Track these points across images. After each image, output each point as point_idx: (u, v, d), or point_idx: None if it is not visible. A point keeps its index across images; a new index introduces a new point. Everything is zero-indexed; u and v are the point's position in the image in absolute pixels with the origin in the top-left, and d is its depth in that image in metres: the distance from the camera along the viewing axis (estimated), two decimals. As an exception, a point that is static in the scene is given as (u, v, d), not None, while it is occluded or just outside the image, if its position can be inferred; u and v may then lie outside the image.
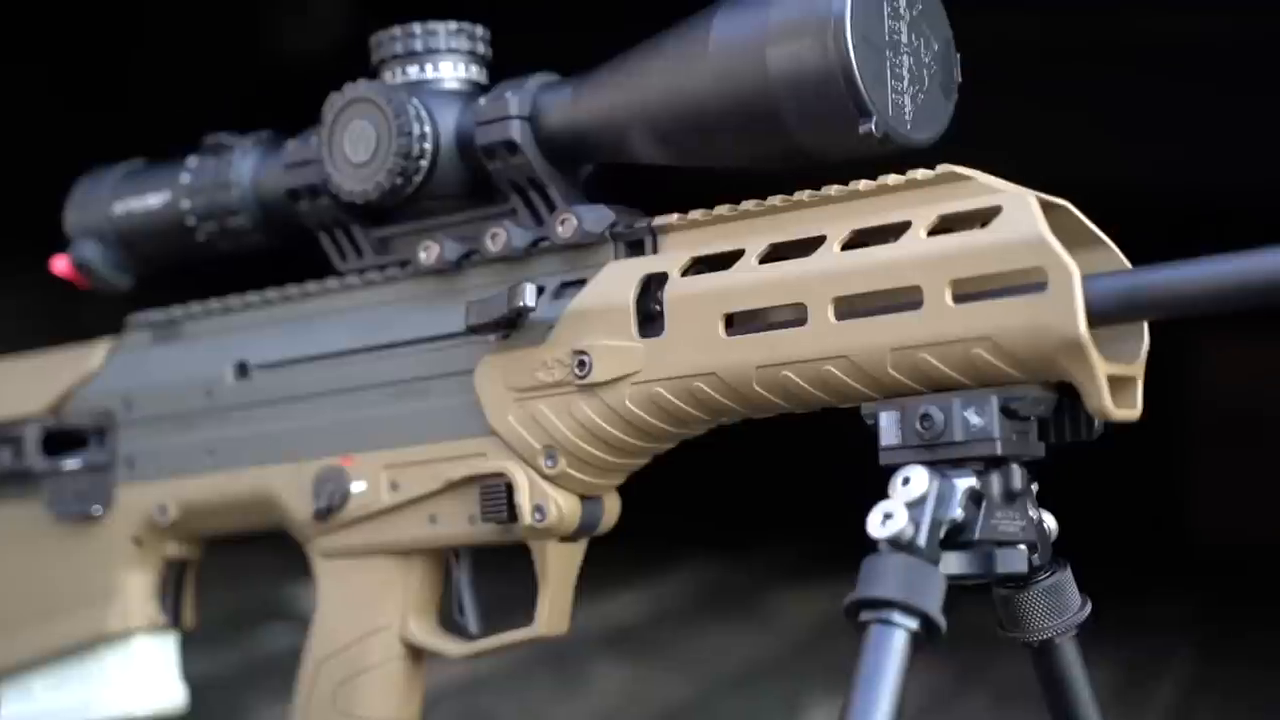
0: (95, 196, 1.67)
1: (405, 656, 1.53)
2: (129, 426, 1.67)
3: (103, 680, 1.68)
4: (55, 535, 1.71)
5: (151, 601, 1.68)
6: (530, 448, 1.42)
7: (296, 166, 1.55)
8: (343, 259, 1.58)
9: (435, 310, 1.50)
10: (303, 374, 1.57)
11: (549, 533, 1.43)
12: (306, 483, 1.55)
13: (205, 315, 1.65)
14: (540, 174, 1.44)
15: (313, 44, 4.29)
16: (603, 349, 1.38)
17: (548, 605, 1.46)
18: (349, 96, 1.48)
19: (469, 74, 1.51)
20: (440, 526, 1.49)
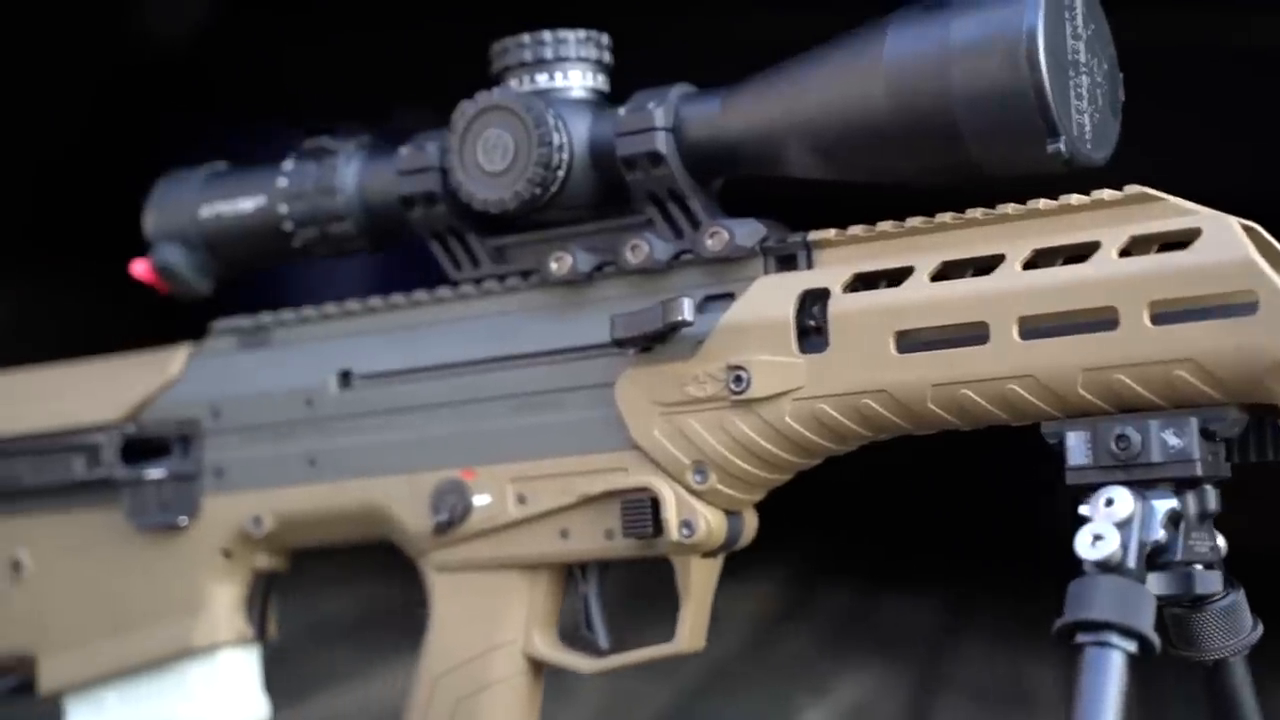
0: (179, 199, 1.63)
1: (527, 672, 1.51)
2: (217, 435, 1.63)
3: (185, 694, 1.65)
4: (135, 546, 1.66)
5: (239, 614, 1.64)
6: (678, 463, 1.41)
7: (411, 173, 1.52)
8: (457, 268, 1.55)
9: (564, 321, 1.48)
10: (415, 384, 1.54)
11: (695, 548, 1.42)
12: (422, 495, 1.52)
13: (299, 322, 1.62)
14: (682, 186, 1.43)
15: (174, 29, 4.22)
16: (761, 364, 1.37)
17: (689, 620, 1.45)
18: (482, 104, 1.46)
19: (595, 83, 1.49)
20: (573, 541, 1.47)
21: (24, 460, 1.70)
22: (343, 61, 4.19)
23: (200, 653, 1.63)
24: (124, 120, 4.14)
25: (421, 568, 1.55)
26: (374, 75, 4.20)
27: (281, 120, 4.28)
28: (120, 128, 4.13)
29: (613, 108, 1.48)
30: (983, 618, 3.53)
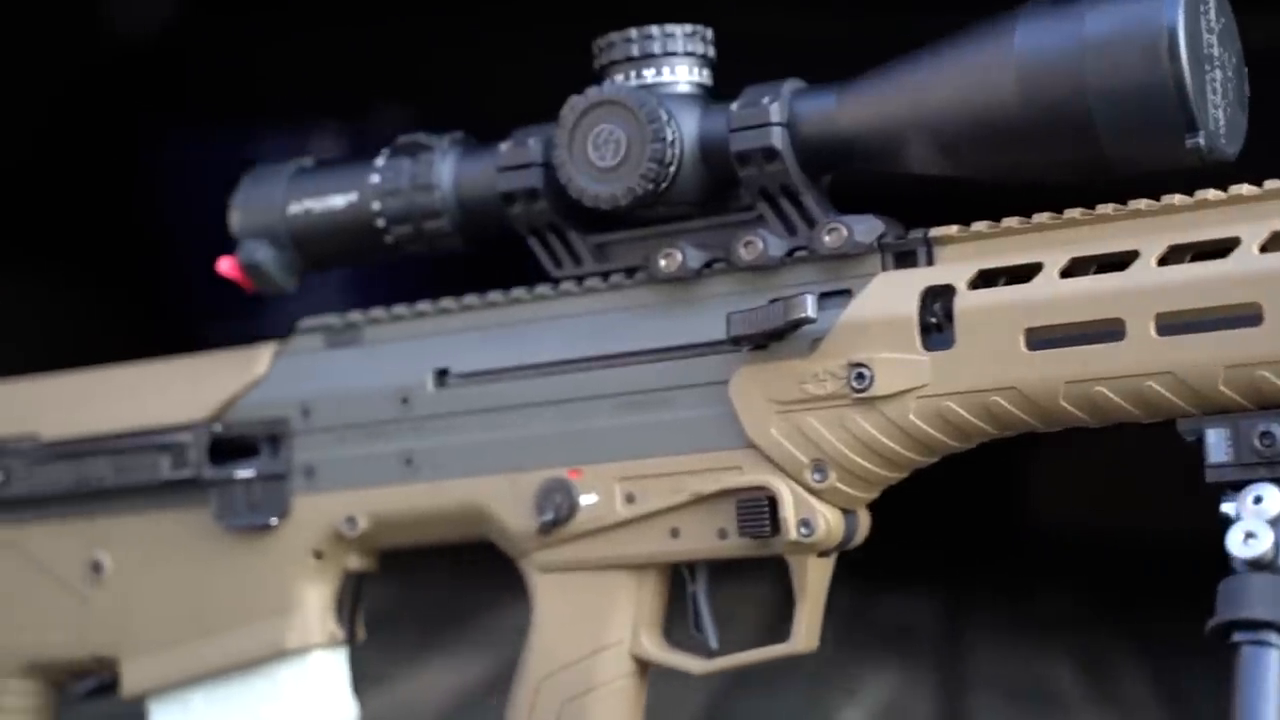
0: (266, 196, 1.61)
1: (635, 673, 1.50)
2: (307, 434, 1.61)
3: (275, 696, 1.63)
4: (222, 546, 1.64)
5: (330, 616, 1.62)
6: (796, 461, 1.40)
7: (513, 169, 1.50)
8: (557, 265, 1.54)
9: (672, 319, 1.47)
10: (516, 383, 1.53)
11: (813, 547, 1.41)
12: (526, 495, 1.50)
13: (391, 320, 1.60)
14: (795, 182, 1.42)
15: (142, 25, 4.20)
16: (884, 362, 1.36)
17: (805, 620, 1.44)
18: (593, 99, 1.45)
19: (700, 77, 1.48)
20: (684, 541, 1.46)
21: (104, 460, 1.68)
22: (313, 58, 4.17)
23: (292, 655, 1.61)
24: (94, 119, 4.10)
25: (522, 568, 1.54)
26: (344, 72, 4.18)
27: (254, 117, 4.26)
28: (90, 127, 4.09)
29: (718, 103, 1.46)
30: (981, 616, 3.53)
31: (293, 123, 4.37)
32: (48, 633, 1.71)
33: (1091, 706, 2.69)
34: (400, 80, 4.36)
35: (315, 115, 4.38)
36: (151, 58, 4.19)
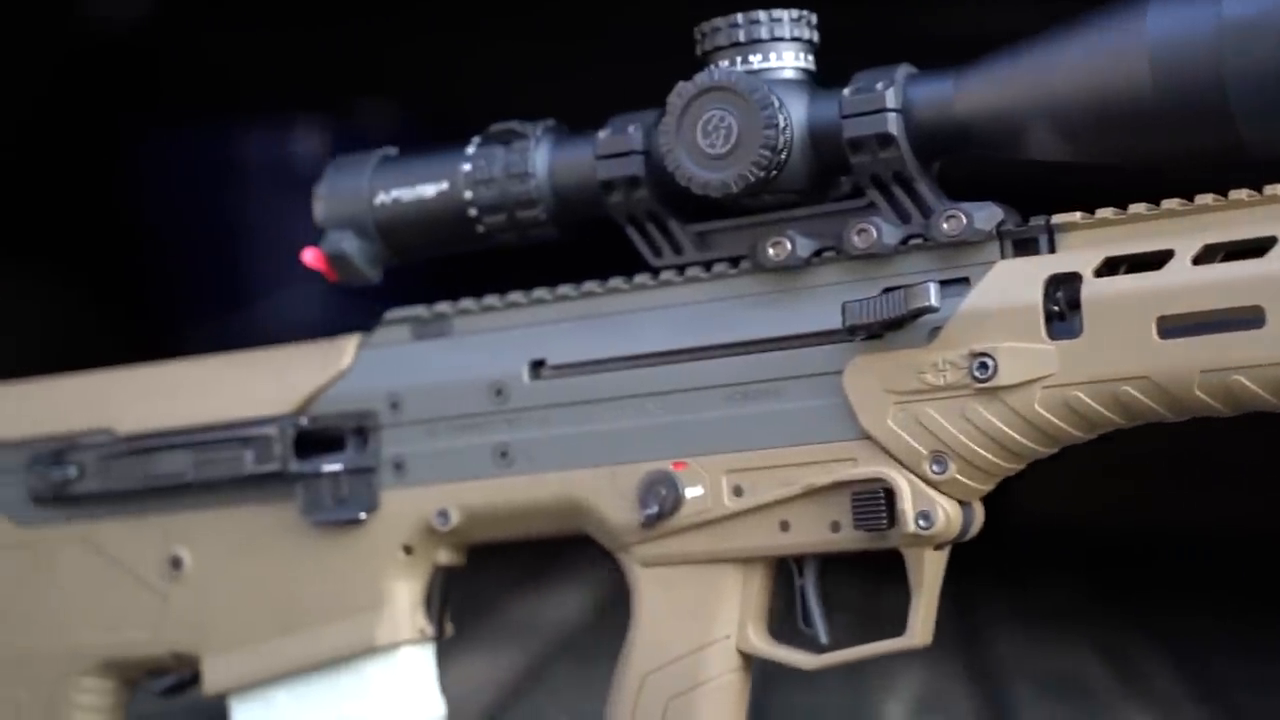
0: (352, 187, 1.59)
1: (741, 668, 1.48)
2: (395, 428, 1.58)
3: (363, 693, 1.60)
4: (308, 541, 1.61)
5: (419, 611, 1.59)
6: (914, 453, 1.38)
7: (612, 157, 1.48)
8: (656, 255, 1.51)
9: (779, 308, 1.45)
10: (616, 374, 1.50)
11: (931, 540, 1.39)
12: (628, 488, 1.48)
13: (482, 311, 1.57)
14: (909, 169, 1.39)
15: (120, 19, 4.16)
16: (1008, 351, 1.34)
17: (921, 614, 1.42)
18: (702, 85, 1.42)
19: (805, 63, 1.46)
20: (794, 534, 1.44)
21: (183, 455, 1.65)
22: (293, 53, 4.13)
23: (381, 651, 1.58)
24: (73, 116, 4.06)
25: (623, 562, 1.51)
26: (324, 67, 4.14)
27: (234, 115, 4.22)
28: (70, 124, 4.05)
29: (825, 89, 1.44)
30: (992, 609, 3.52)
31: (274, 119, 4.34)
32: (123, 630, 1.68)
33: (1126, 697, 2.67)
34: (380, 75, 4.33)
35: (296, 111, 4.34)
36: (130, 54, 4.15)
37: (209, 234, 4.41)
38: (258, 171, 4.40)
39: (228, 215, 4.40)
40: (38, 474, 1.70)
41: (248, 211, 4.41)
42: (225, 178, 4.38)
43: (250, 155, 4.42)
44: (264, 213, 4.42)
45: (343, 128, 4.43)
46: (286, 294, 4.42)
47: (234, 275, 4.45)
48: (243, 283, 4.46)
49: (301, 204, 4.59)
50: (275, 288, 4.45)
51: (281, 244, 4.45)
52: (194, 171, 4.40)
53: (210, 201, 4.39)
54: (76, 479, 1.68)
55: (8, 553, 1.73)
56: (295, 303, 4.38)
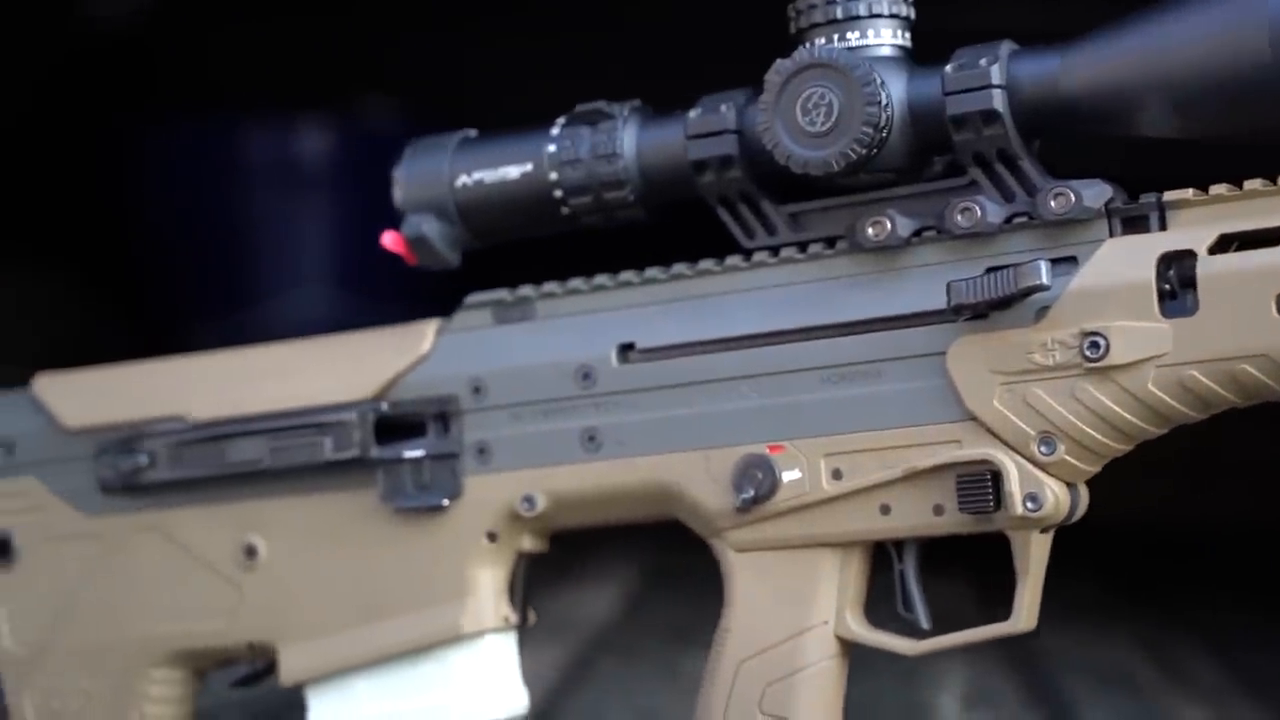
0: (432, 169, 1.56)
1: (840, 654, 1.46)
2: (478, 413, 1.56)
3: (445, 682, 1.58)
4: (388, 529, 1.59)
5: (503, 599, 1.57)
6: (1022, 434, 1.36)
7: (704, 136, 1.46)
8: (748, 236, 1.49)
9: (878, 289, 1.43)
10: (709, 357, 1.48)
11: (1039, 522, 1.37)
12: (722, 472, 1.46)
13: (566, 294, 1.55)
14: (1014, 146, 1.37)
15: (119, 13, 4.13)
16: (1121, 330, 1.32)
17: (1026, 598, 1.40)
18: (802, 62, 1.40)
19: (903, 39, 1.43)
20: (895, 518, 1.42)
21: (259, 441, 1.62)
22: (292, 48, 4.11)
23: (465, 639, 1.56)
24: (73, 113, 4.03)
25: (716, 547, 1.49)
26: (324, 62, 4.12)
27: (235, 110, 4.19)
28: (70, 121, 4.02)
29: (923, 66, 1.42)
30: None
31: (274, 117, 4.31)
32: (196, 620, 1.66)
33: (1174, 692, 2.66)
34: (381, 72, 4.31)
35: (298, 108, 4.32)
36: (130, 51, 4.12)
37: (210, 232, 4.38)
38: (258, 169, 4.37)
39: (228, 213, 4.38)
40: (106, 463, 1.68)
41: (248, 209, 4.39)
42: (225, 175, 4.36)
43: (251, 153, 4.39)
44: (265, 210, 4.40)
45: (344, 125, 4.40)
46: (289, 292, 4.39)
47: (236, 273, 4.41)
48: (245, 281, 4.43)
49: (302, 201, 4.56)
50: (278, 286, 4.42)
51: (283, 241, 4.43)
52: (194, 169, 4.37)
53: (211, 199, 4.36)
54: (147, 467, 1.66)
55: (75, 543, 1.71)
56: (298, 301, 4.35)
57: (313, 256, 4.43)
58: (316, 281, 4.44)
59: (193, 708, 1.71)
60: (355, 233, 4.41)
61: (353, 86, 4.35)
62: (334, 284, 4.44)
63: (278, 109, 4.31)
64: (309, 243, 4.43)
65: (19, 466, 1.73)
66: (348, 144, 4.42)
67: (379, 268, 4.50)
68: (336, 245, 4.41)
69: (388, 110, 4.42)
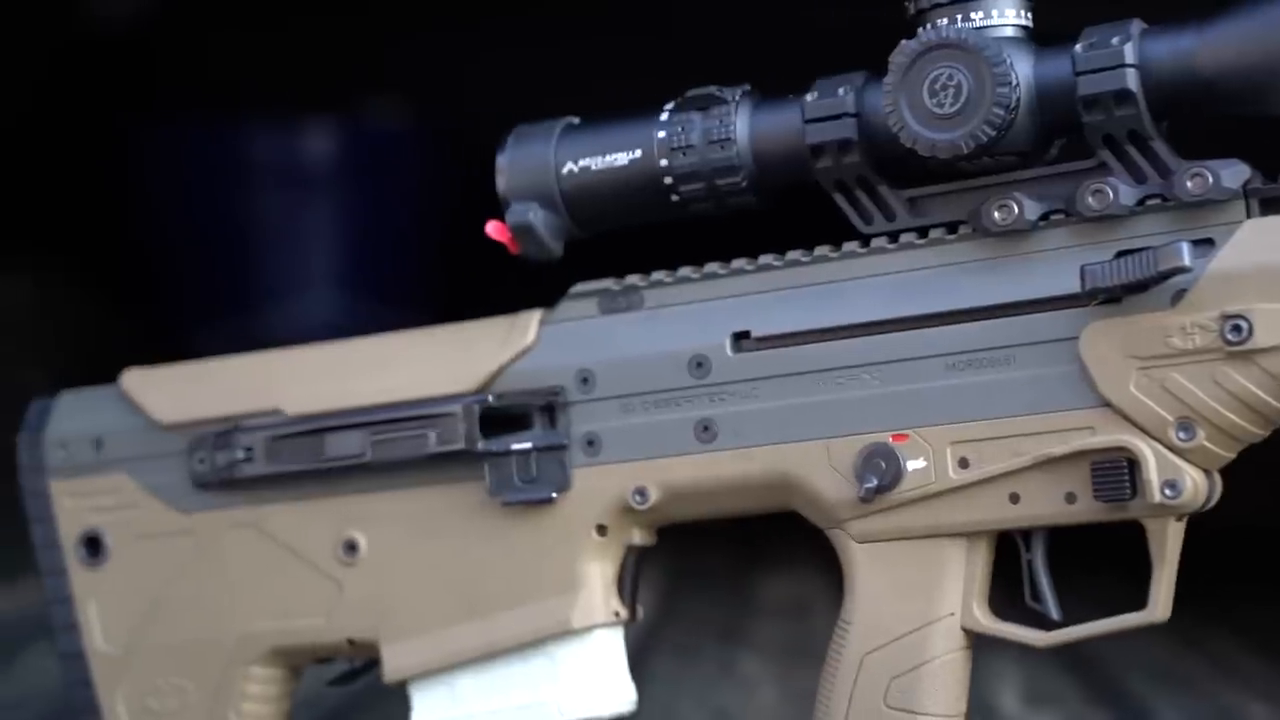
0: (536, 157, 1.53)
1: (965, 646, 1.43)
2: (586, 404, 1.54)
3: (553, 677, 1.55)
4: (493, 522, 1.57)
5: (612, 593, 1.54)
6: (1159, 420, 1.34)
7: (822, 120, 1.43)
8: (866, 222, 1.47)
9: (1003, 274, 1.41)
10: (828, 345, 1.46)
11: (1177, 510, 1.35)
12: (844, 461, 1.44)
13: (677, 283, 1.52)
14: (1146, 127, 1.35)
15: (122, 11, 4.11)
16: (1265, 312, 1.30)
17: (1163, 588, 1.37)
18: (929, 42, 1.38)
19: (1025, 19, 1.41)
20: (1025, 506, 1.39)
21: (359, 435, 1.59)
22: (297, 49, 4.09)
23: (575, 634, 1.53)
24: (77, 115, 4.00)
25: (836, 539, 1.47)
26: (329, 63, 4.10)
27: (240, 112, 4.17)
28: (74, 123, 4.00)
29: (1047, 45, 1.40)
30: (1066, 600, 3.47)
31: (277, 118, 4.29)
32: (296, 617, 1.63)
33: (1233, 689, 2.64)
34: (384, 73, 4.29)
35: (303, 108, 4.30)
36: (134, 50, 4.10)
37: (215, 234, 4.36)
38: (264, 171, 4.35)
39: (234, 215, 4.35)
40: (200, 458, 1.65)
41: (254, 211, 4.36)
42: (230, 177, 4.33)
43: (256, 154, 4.37)
44: (270, 212, 4.37)
45: (350, 126, 4.38)
46: (294, 294, 4.37)
47: (241, 275, 4.39)
48: (250, 283, 4.41)
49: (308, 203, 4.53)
50: (283, 288, 4.40)
51: (289, 243, 4.40)
52: (199, 171, 4.35)
53: (216, 201, 4.34)
54: (243, 462, 1.63)
55: (169, 540, 1.68)
56: (304, 303, 4.32)
57: (319, 258, 4.41)
58: (322, 283, 4.42)
59: (289, 706, 1.68)
60: (361, 234, 4.39)
61: (358, 88, 4.33)
62: (339, 286, 4.42)
63: (283, 110, 4.29)
64: (315, 244, 4.41)
65: (109, 463, 1.70)
66: (353, 146, 4.41)
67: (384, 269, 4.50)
68: (342, 247, 4.39)
69: (393, 112, 4.40)
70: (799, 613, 3.22)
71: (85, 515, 1.71)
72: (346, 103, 4.34)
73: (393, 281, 4.49)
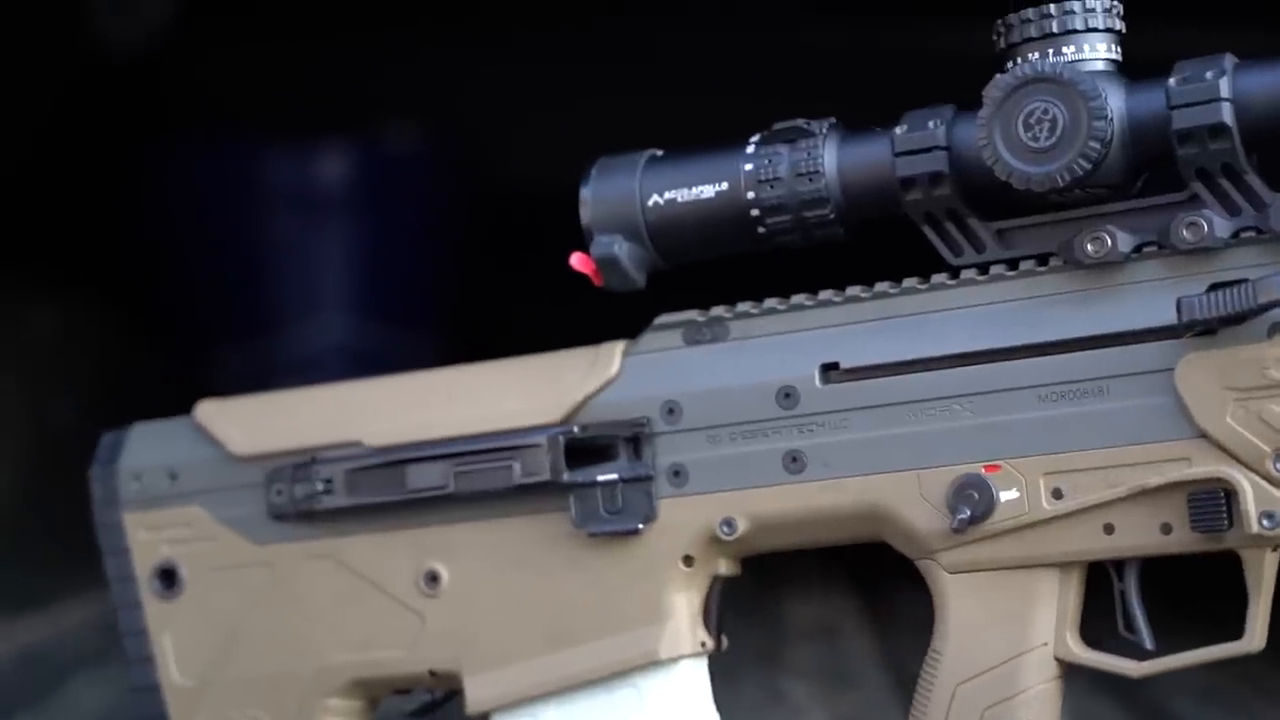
0: (621, 189, 1.54)
1: (1059, 676, 1.44)
2: (672, 435, 1.54)
3: (637, 709, 1.56)
4: (577, 553, 1.57)
5: (699, 623, 1.55)
6: (1257, 451, 1.35)
7: (914, 154, 1.44)
8: (955, 254, 1.48)
9: (1095, 306, 1.42)
10: (919, 376, 1.47)
11: (1274, 540, 1.36)
12: (936, 492, 1.45)
13: (763, 315, 1.53)
14: (1240, 160, 1.36)
15: (134, 34, 4.12)
16: None
17: (1259, 617, 1.38)
18: (1025, 76, 1.39)
19: (1115, 54, 1.42)
20: (1119, 537, 1.40)
21: (443, 466, 1.60)
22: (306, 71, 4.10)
23: (661, 665, 1.54)
24: (90, 137, 4.01)
25: (926, 569, 1.48)
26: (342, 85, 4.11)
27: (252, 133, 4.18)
28: (88, 144, 4.00)
29: (1138, 79, 1.41)
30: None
31: (292, 139, 4.30)
32: (375, 649, 1.63)
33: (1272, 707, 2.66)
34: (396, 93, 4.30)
35: (316, 131, 4.31)
36: (146, 74, 4.11)
37: (230, 257, 4.37)
38: (277, 194, 4.36)
39: (249, 238, 4.36)
40: (279, 490, 1.65)
41: (268, 234, 4.37)
42: (244, 200, 4.34)
43: (267, 177, 4.38)
44: (285, 235, 4.38)
45: (363, 149, 4.39)
46: (309, 317, 4.37)
47: (256, 299, 4.40)
48: (266, 306, 4.42)
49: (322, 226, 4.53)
50: (298, 311, 4.41)
51: (303, 266, 4.40)
52: (213, 194, 4.36)
53: (231, 224, 4.35)
54: (323, 494, 1.63)
55: (245, 571, 1.68)
56: (318, 326, 4.33)
57: (333, 281, 4.41)
58: (336, 305, 4.43)
59: (367, 737, 1.68)
60: (374, 258, 4.40)
61: (369, 111, 4.34)
62: (353, 309, 4.42)
63: (296, 133, 4.30)
64: (329, 266, 4.42)
65: (184, 495, 1.70)
66: (367, 168, 4.42)
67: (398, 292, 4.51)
68: (356, 270, 4.40)
69: (407, 135, 4.41)
70: (829, 635, 3.23)
71: (160, 547, 1.71)
72: (362, 126, 4.35)
73: (407, 304, 4.49)
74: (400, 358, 4.13)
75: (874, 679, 2.89)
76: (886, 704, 2.68)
